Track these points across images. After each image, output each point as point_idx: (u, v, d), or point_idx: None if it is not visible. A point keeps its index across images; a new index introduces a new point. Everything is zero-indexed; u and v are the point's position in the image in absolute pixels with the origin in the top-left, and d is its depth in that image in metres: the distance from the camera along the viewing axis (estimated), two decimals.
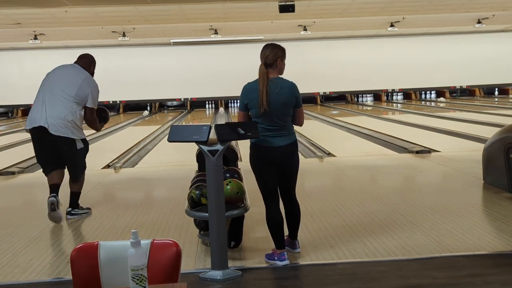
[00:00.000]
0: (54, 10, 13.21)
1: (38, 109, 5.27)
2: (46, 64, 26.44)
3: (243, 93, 3.78)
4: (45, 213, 5.08)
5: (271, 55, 3.71)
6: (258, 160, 3.80)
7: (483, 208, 5.33)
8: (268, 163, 3.77)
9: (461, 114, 16.86)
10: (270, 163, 3.77)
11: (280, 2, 12.11)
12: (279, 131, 3.75)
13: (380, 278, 3.47)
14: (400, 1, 14.43)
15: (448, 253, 3.86)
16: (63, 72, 5.51)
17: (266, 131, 3.73)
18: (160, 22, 16.03)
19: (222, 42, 21.75)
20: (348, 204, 5.37)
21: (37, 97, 5.44)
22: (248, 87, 3.77)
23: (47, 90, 5.39)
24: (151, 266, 2.01)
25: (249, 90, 3.75)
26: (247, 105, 3.75)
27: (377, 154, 8.97)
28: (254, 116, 3.75)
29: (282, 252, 3.78)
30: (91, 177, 7.59)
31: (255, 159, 3.82)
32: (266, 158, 3.77)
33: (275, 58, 3.72)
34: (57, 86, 5.33)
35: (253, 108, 3.72)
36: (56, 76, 5.48)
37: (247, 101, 3.74)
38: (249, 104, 3.74)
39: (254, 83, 3.75)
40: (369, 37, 22.94)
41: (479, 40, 23.32)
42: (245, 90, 3.78)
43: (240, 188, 4.08)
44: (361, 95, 24.89)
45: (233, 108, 23.81)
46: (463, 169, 7.05)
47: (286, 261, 3.77)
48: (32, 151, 5.44)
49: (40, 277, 3.72)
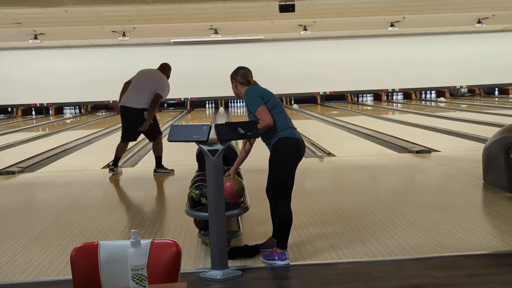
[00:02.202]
0: (54, 10, 13.21)
1: None
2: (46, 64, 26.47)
3: (255, 90, 3.88)
4: (45, 213, 5.08)
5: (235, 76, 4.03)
6: (297, 153, 3.82)
7: (483, 208, 5.33)
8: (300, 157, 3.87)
9: (461, 114, 16.87)
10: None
11: (280, 2, 12.10)
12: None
13: (380, 278, 3.47)
14: (400, 1, 14.43)
15: (448, 253, 3.86)
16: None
17: (290, 121, 3.85)
18: (160, 22, 16.04)
19: (222, 42, 21.75)
20: (348, 204, 5.37)
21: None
22: (257, 87, 3.94)
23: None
24: (151, 266, 2.01)
25: (259, 88, 3.91)
26: (263, 98, 3.81)
27: (377, 154, 8.97)
28: (273, 106, 3.81)
29: (284, 251, 3.78)
30: (91, 177, 7.62)
31: (294, 153, 3.80)
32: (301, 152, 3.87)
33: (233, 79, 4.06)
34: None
35: (271, 99, 3.82)
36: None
37: (263, 94, 3.83)
38: (265, 97, 3.81)
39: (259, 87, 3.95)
40: (369, 37, 22.93)
41: (479, 40, 23.32)
42: (255, 88, 3.91)
43: (240, 185, 4.07)
44: (361, 95, 24.89)
45: (233, 108, 23.82)
46: (463, 169, 7.05)
47: (287, 261, 3.76)
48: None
49: (40, 277, 3.72)
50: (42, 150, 10.47)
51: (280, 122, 3.80)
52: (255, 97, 3.81)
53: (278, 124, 3.79)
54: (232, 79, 4.04)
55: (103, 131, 15.21)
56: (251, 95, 3.83)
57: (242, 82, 3.98)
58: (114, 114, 22.99)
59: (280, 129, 3.79)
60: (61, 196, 6.41)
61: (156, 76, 7.49)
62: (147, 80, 7.44)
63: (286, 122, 3.82)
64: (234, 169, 4.12)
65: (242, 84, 3.98)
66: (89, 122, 19.42)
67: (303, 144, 3.89)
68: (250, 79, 3.98)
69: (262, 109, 3.76)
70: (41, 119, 22.33)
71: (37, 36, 17.90)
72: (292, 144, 3.80)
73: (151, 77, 7.49)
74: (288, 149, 3.78)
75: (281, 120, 3.80)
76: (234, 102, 24.18)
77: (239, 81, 3.99)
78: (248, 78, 3.97)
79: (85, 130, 15.51)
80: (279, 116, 3.81)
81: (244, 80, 3.98)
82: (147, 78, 7.48)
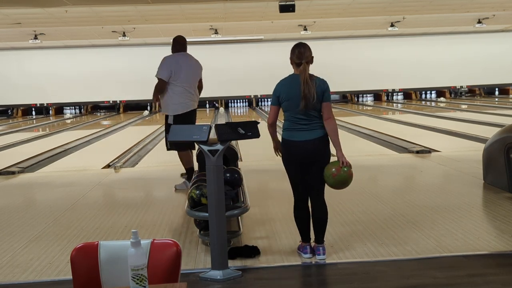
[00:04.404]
0: (54, 10, 13.20)
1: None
2: (46, 64, 26.46)
3: (279, 87, 3.83)
4: (45, 213, 5.08)
5: (310, 55, 3.82)
6: (290, 154, 3.85)
7: (483, 208, 5.33)
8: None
9: (461, 114, 16.87)
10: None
11: (280, 2, 12.10)
12: (310, 124, 3.79)
13: (380, 278, 3.47)
14: (400, 1, 14.43)
15: (448, 253, 3.86)
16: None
17: (295, 124, 3.79)
18: (160, 22, 16.03)
19: (222, 42, 21.75)
20: (348, 204, 5.37)
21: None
22: (284, 83, 3.84)
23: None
24: (151, 266, 2.01)
25: (284, 85, 3.81)
26: (279, 98, 3.80)
27: (377, 154, 8.97)
28: (286, 109, 3.81)
29: (305, 245, 3.88)
30: (91, 177, 7.62)
31: (287, 153, 3.87)
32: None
33: (311, 57, 3.83)
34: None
35: (287, 101, 3.77)
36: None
37: (282, 94, 3.78)
38: (282, 97, 3.79)
39: (290, 79, 3.82)
40: (370, 37, 22.93)
41: (479, 40, 23.31)
42: (280, 85, 3.84)
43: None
44: (362, 95, 24.90)
45: (233, 108, 23.82)
46: (463, 169, 7.05)
47: (308, 255, 3.85)
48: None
49: (40, 277, 3.72)
50: (42, 150, 10.47)
51: (285, 123, 3.87)
52: (273, 95, 3.88)
53: (283, 125, 3.88)
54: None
55: (103, 131, 15.22)
56: (273, 91, 3.88)
57: (295, 62, 3.83)
58: (114, 114, 23.01)
59: (282, 130, 3.88)
60: (61, 196, 6.41)
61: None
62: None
63: (288, 123, 3.83)
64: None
65: (296, 65, 3.84)
66: (89, 122, 19.42)
67: (302, 146, 3.78)
68: (297, 61, 3.80)
69: (271, 108, 3.89)
70: (41, 119, 22.33)
71: (37, 36, 17.90)
72: (284, 145, 3.87)
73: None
74: (283, 149, 3.89)
75: (286, 122, 3.87)
76: (234, 102, 24.18)
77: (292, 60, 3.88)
78: (295, 60, 3.82)
79: (85, 130, 15.51)
80: (286, 118, 3.88)
81: (292, 58, 3.86)
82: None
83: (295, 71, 3.83)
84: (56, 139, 13.12)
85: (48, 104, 23.44)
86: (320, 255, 3.84)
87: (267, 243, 4.21)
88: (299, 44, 3.86)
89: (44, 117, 23.10)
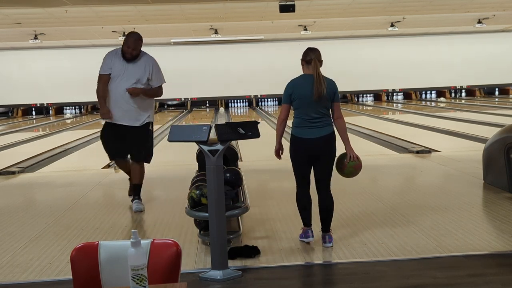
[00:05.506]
0: (54, 10, 13.21)
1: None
2: (46, 64, 26.43)
3: (290, 86, 4.01)
4: (45, 213, 5.08)
5: (320, 55, 4.05)
6: (297, 149, 4.07)
7: (483, 208, 5.33)
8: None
9: (461, 114, 16.87)
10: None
11: (280, 2, 12.10)
12: (319, 122, 3.98)
13: (380, 278, 3.47)
14: (400, 1, 14.43)
15: (448, 253, 3.86)
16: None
17: (305, 121, 3.98)
18: (160, 22, 16.03)
19: (222, 42, 21.75)
20: (348, 204, 5.37)
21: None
22: (296, 81, 4.03)
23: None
24: (151, 266, 2.01)
25: (296, 84, 4.01)
26: (291, 96, 3.98)
27: (377, 154, 8.96)
28: (297, 107, 3.98)
29: (307, 229, 4.06)
30: (91, 177, 7.62)
31: (293, 148, 4.08)
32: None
33: (321, 60, 4.07)
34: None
35: (298, 99, 3.95)
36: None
37: (294, 92, 3.97)
38: (294, 95, 3.96)
39: (301, 78, 4.03)
40: (370, 37, 22.93)
41: (479, 40, 23.31)
42: (292, 83, 4.02)
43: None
44: (362, 95, 24.89)
45: (233, 108, 23.81)
46: (463, 169, 7.05)
47: (310, 238, 4.03)
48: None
49: (40, 277, 3.72)
50: (42, 150, 10.47)
51: (295, 121, 4.06)
52: (284, 93, 4.04)
53: (293, 122, 4.07)
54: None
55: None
56: (285, 89, 4.03)
57: (306, 60, 4.04)
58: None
59: (292, 127, 4.08)
60: (61, 196, 6.41)
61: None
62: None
63: (299, 121, 4.01)
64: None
65: (306, 62, 4.04)
66: (89, 122, 19.41)
67: (310, 143, 4.00)
68: (308, 58, 4.01)
69: (283, 106, 4.08)
70: (41, 119, 22.33)
71: (37, 36, 17.90)
72: (293, 141, 4.08)
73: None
74: (291, 144, 4.09)
75: (296, 119, 4.05)
76: (234, 102, 24.18)
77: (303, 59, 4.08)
78: (306, 58, 4.03)
79: (85, 130, 15.50)
80: (296, 115, 4.04)
81: (303, 59, 4.07)
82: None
83: (305, 71, 4.04)
84: (56, 139, 13.12)
85: (48, 104, 23.43)
86: (327, 243, 4.04)
87: (267, 243, 4.21)
88: (309, 48, 4.12)
89: (44, 117, 23.09)
